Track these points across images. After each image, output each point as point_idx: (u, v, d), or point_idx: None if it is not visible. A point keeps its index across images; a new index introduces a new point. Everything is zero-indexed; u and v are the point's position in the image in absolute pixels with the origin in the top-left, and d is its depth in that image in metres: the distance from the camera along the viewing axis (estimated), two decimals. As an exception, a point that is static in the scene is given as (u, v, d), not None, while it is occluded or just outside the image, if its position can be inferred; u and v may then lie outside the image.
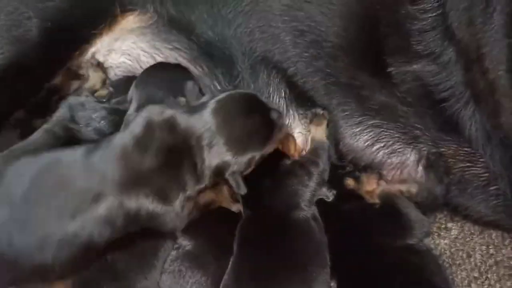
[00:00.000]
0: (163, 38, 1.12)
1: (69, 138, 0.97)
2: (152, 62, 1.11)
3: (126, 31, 1.14)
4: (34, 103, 1.13)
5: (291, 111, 1.02)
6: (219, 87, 1.05)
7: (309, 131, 0.99)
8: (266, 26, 1.02)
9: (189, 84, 1.00)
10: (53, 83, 1.14)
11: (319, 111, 0.98)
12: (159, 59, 1.12)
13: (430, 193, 0.90)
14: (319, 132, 0.97)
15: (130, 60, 1.14)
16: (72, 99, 1.05)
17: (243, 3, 1.03)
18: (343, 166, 0.96)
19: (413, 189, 0.91)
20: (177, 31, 1.11)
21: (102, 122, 1.00)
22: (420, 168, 0.92)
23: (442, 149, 0.89)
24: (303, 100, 1.00)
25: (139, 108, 0.93)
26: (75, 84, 1.17)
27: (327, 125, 0.97)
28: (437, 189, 0.89)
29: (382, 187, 0.92)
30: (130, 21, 1.14)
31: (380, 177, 0.94)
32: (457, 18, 0.84)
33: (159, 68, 1.06)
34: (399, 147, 0.92)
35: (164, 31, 1.11)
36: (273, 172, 0.91)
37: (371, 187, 0.92)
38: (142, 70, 1.10)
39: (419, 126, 0.90)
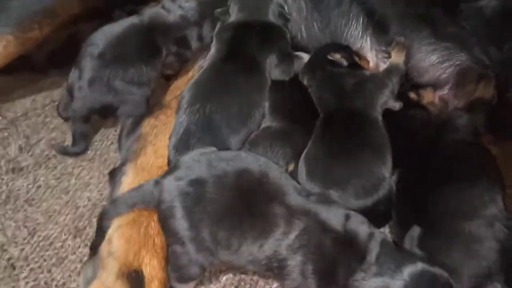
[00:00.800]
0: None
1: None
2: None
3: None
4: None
5: (366, 36, 1.17)
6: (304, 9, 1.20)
7: (388, 56, 1.13)
8: None
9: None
10: None
11: (402, 39, 1.11)
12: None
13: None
14: (398, 58, 1.11)
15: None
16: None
17: None
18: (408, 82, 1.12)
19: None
20: None
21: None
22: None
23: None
24: (380, 27, 1.15)
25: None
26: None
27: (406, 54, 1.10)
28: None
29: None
30: None
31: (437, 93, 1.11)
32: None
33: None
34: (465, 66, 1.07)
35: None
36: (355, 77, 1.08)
37: (428, 100, 1.10)
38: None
39: (482, 56, 1.06)
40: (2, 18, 1.18)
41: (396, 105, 1.08)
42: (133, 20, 1.20)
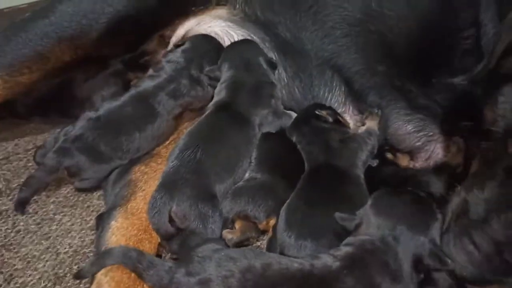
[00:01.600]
0: (246, 28, 1.37)
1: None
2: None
3: (217, 16, 1.40)
4: (129, 59, 1.38)
5: (347, 104, 1.27)
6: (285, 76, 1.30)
7: (363, 124, 1.21)
8: (338, 33, 1.26)
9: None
10: (146, 46, 1.39)
11: (375, 110, 1.22)
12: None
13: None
14: (372, 126, 1.20)
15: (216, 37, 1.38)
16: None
17: (321, 14, 1.28)
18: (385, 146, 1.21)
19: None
20: (258, 26, 1.36)
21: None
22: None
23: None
24: (359, 96, 1.25)
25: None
26: (161, 53, 1.42)
27: (379, 122, 1.21)
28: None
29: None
30: (221, 11, 1.41)
31: (411, 157, 1.21)
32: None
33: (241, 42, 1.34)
34: (436, 137, 1.18)
35: (247, 25, 1.37)
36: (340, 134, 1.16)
37: (403, 162, 1.20)
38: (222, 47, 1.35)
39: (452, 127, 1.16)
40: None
41: (374, 163, 1.15)
42: (131, 92, 1.25)
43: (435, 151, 1.19)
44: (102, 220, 1.01)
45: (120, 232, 0.95)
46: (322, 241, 0.96)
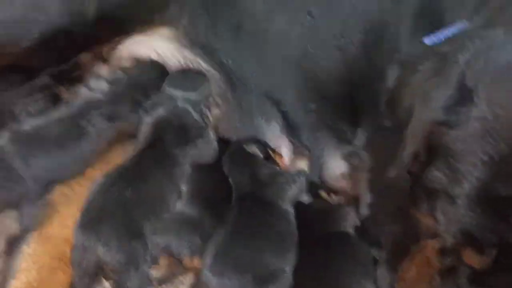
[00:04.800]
0: (189, 49, 1.37)
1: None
2: (175, 64, 1.36)
3: (160, 36, 1.39)
4: (59, 72, 1.32)
5: (283, 137, 1.31)
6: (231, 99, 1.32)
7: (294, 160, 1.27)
8: (276, 68, 1.31)
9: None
10: (80, 59, 1.34)
11: (305, 151, 1.28)
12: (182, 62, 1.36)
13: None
14: (302, 165, 1.27)
15: (156, 57, 1.37)
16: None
17: (261, 48, 1.32)
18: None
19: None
20: (202, 50, 1.36)
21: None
22: None
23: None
24: (294, 131, 1.30)
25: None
26: (95, 66, 1.38)
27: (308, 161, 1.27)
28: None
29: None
30: (164, 31, 1.40)
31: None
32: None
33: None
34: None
35: (191, 46, 1.37)
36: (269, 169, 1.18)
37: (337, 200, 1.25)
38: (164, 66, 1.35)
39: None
40: None
41: (306, 198, 1.20)
42: (61, 108, 1.21)
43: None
44: (13, 245, 0.94)
45: (31, 259, 0.88)
46: (247, 277, 0.96)
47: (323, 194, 1.23)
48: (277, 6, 1.32)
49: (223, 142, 1.24)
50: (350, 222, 1.15)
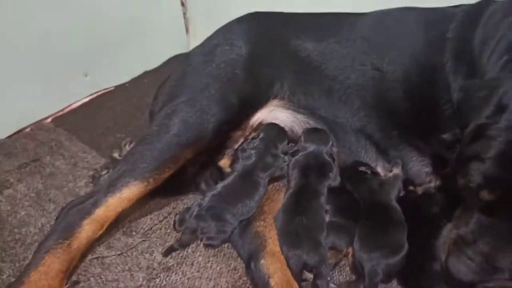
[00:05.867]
0: (297, 113, 2.02)
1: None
2: (293, 127, 2.01)
3: (275, 106, 2.04)
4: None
5: (378, 159, 1.94)
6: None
7: (391, 171, 1.87)
8: (362, 113, 1.94)
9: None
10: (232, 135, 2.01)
11: (398, 161, 1.88)
12: (296, 125, 2.02)
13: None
14: (397, 172, 1.86)
15: (277, 122, 2.03)
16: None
17: (348, 101, 1.96)
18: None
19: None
20: (304, 110, 2.02)
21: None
22: None
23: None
24: (384, 153, 1.92)
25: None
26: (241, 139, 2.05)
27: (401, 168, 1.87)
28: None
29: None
30: (275, 102, 2.05)
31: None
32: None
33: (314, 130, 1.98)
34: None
35: (297, 110, 2.02)
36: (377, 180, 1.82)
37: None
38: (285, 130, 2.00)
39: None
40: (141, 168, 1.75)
41: (401, 194, 1.82)
42: (235, 172, 1.84)
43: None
44: (250, 262, 1.61)
45: (272, 263, 1.55)
46: (378, 252, 1.58)
47: (412, 188, 1.84)
48: (351, 67, 1.95)
49: (340, 169, 1.89)
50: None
